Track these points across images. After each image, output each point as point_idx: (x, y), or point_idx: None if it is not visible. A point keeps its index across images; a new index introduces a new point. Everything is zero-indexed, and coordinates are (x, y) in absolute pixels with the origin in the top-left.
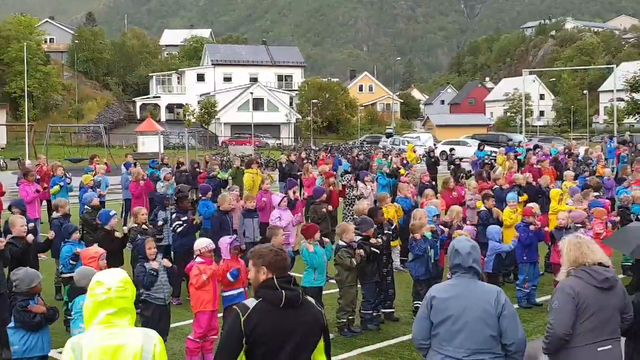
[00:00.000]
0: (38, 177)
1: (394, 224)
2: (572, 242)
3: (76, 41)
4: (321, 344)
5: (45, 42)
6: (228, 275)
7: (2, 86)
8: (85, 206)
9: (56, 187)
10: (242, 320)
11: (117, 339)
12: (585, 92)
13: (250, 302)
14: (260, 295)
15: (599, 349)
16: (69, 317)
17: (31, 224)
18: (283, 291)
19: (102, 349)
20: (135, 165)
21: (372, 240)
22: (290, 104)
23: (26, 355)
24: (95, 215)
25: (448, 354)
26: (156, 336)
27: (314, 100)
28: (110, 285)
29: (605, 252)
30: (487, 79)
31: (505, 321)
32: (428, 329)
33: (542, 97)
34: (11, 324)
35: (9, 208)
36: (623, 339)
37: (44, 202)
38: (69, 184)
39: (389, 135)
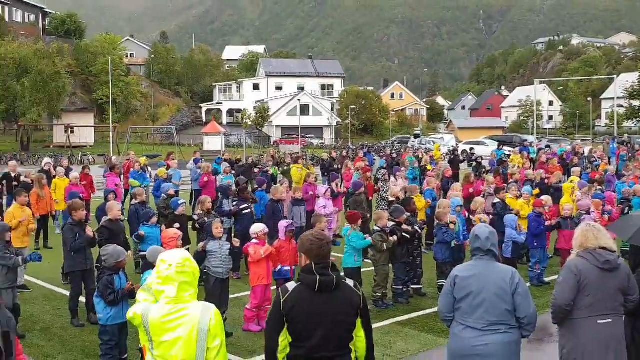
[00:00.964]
0: (123, 170)
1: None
2: (581, 229)
3: (152, 56)
4: (358, 322)
5: (127, 56)
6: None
7: (90, 94)
8: (162, 194)
9: (135, 182)
10: (281, 300)
11: (177, 313)
12: (589, 99)
13: (291, 285)
14: (300, 279)
15: (599, 322)
16: None
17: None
18: (318, 276)
19: (164, 322)
20: (202, 161)
21: (404, 227)
22: (332, 109)
23: (109, 322)
24: (168, 203)
25: (469, 324)
26: (213, 310)
27: (352, 106)
28: (171, 262)
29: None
30: (503, 87)
31: (519, 298)
32: (452, 304)
33: (551, 103)
34: (96, 295)
35: (105, 197)
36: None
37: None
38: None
39: (416, 136)
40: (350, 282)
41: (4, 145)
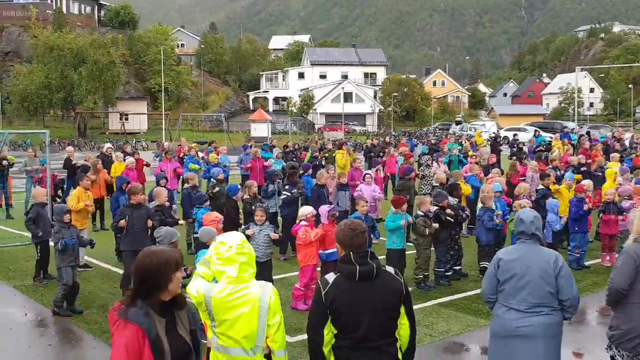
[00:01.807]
0: (177, 156)
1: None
2: (638, 216)
3: (202, 46)
4: (403, 309)
5: (178, 46)
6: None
7: (143, 82)
8: (212, 179)
9: (196, 166)
10: (323, 293)
11: (239, 293)
12: (630, 86)
13: (330, 277)
14: (339, 269)
15: None
16: None
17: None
18: (357, 266)
19: (225, 300)
20: (251, 147)
21: (447, 211)
22: (375, 96)
23: None
24: (219, 186)
25: (512, 306)
26: (271, 287)
27: (394, 94)
28: (231, 244)
29: None
30: (544, 75)
31: (562, 280)
32: (495, 286)
33: (592, 90)
34: None
35: (157, 181)
36: None
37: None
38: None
39: (458, 123)
40: (390, 269)
41: (63, 132)
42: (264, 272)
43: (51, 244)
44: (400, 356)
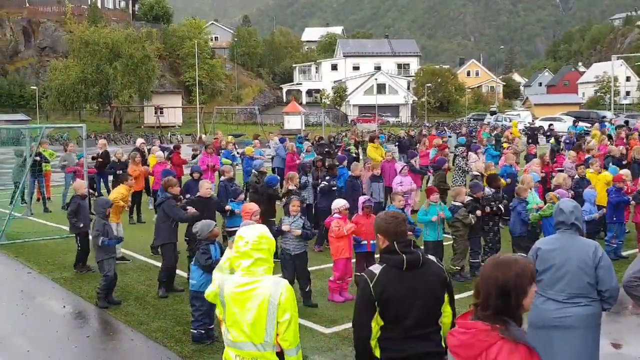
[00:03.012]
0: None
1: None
2: None
3: (235, 39)
4: (446, 297)
5: (211, 40)
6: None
7: (178, 76)
8: (254, 171)
9: (227, 160)
10: (371, 285)
11: (250, 286)
12: None
13: (376, 268)
14: (384, 260)
15: None
16: None
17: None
18: (404, 255)
19: (237, 293)
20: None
21: (478, 213)
22: (408, 87)
23: (202, 289)
24: (260, 178)
25: (550, 296)
26: (284, 285)
27: (428, 84)
28: (248, 240)
29: None
30: (580, 63)
31: (602, 271)
32: None
33: (628, 79)
34: (193, 263)
35: (191, 174)
36: None
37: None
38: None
39: (492, 113)
40: (432, 257)
41: (99, 126)
42: (299, 264)
43: (90, 236)
44: (443, 344)
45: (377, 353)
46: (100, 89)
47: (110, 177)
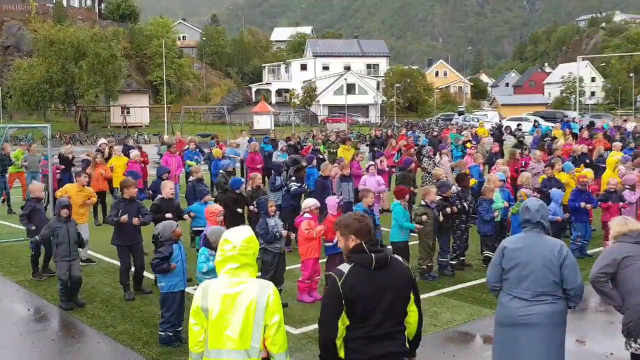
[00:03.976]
0: (178, 151)
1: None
2: (614, 223)
3: (204, 38)
4: (412, 296)
5: (179, 39)
6: None
7: (145, 75)
8: (221, 171)
9: (191, 162)
10: (339, 284)
11: (237, 288)
12: (630, 75)
13: (345, 267)
14: (353, 260)
15: None
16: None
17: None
18: (372, 254)
19: (224, 295)
20: (252, 140)
21: (448, 210)
22: (377, 88)
23: (171, 290)
24: (228, 178)
25: (516, 295)
26: (271, 287)
27: (397, 85)
28: (235, 243)
29: None
30: (546, 64)
31: (567, 270)
32: (500, 274)
33: (593, 79)
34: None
35: (158, 175)
36: None
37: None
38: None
39: (460, 114)
40: (398, 257)
41: (64, 126)
42: (281, 262)
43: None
44: (407, 344)
45: (342, 354)
46: (66, 89)
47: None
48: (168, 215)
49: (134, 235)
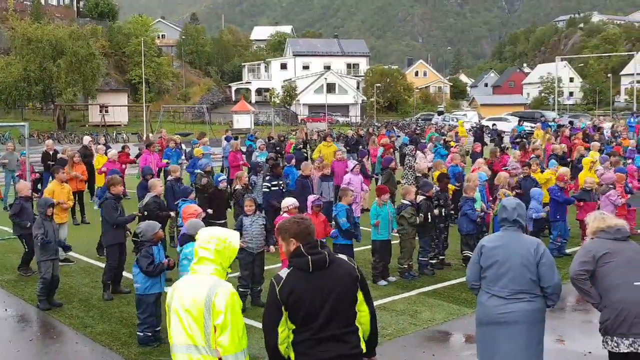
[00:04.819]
0: (159, 148)
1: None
2: (591, 218)
3: (183, 37)
4: (360, 296)
5: (158, 38)
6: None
7: (124, 74)
8: (199, 171)
9: (166, 161)
10: (277, 290)
11: (193, 286)
12: (609, 75)
13: (284, 272)
14: (291, 264)
15: (635, 283)
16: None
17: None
18: (309, 257)
19: (181, 291)
20: (235, 138)
21: (436, 212)
22: (357, 87)
23: (147, 292)
24: (207, 178)
25: (494, 293)
26: (222, 286)
27: (377, 84)
28: (198, 236)
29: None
30: (525, 64)
31: (543, 268)
32: (478, 273)
33: (571, 80)
34: (135, 265)
35: (143, 175)
36: None
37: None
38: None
39: (440, 113)
40: (343, 256)
41: (42, 125)
42: (257, 262)
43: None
44: (363, 345)
45: (292, 357)
46: (44, 87)
47: None
48: (172, 213)
49: (123, 234)
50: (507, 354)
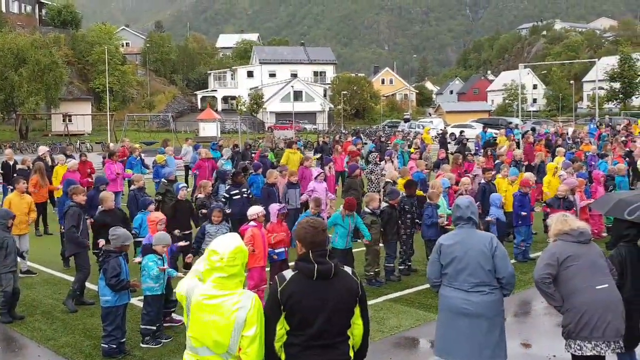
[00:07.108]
0: (122, 158)
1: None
2: (554, 221)
3: (147, 45)
4: (357, 310)
5: (122, 46)
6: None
7: (87, 83)
8: (163, 180)
9: (129, 171)
10: (279, 289)
11: (219, 299)
12: (571, 82)
13: (288, 273)
14: (296, 267)
15: (597, 287)
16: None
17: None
18: (316, 264)
19: (204, 304)
20: (199, 146)
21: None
22: (324, 95)
23: (117, 303)
24: (170, 186)
25: (456, 287)
26: (253, 299)
27: (343, 92)
28: (223, 255)
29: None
30: (489, 72)
31: (497, 259)
32: (439, 270)
33: (535, 87)
34: (101, 277)
35: (96, 186)
36: None
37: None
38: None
39: (406, 120)
40: (348, 269)
41: (3, 134)
42: None
43: None
44: (351, 354)
45: (283, 358)
46: (5, 97)
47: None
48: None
49: (86, 242)
50: (469, 344)
